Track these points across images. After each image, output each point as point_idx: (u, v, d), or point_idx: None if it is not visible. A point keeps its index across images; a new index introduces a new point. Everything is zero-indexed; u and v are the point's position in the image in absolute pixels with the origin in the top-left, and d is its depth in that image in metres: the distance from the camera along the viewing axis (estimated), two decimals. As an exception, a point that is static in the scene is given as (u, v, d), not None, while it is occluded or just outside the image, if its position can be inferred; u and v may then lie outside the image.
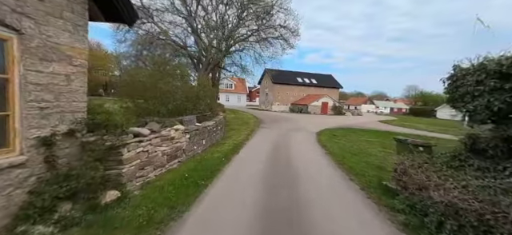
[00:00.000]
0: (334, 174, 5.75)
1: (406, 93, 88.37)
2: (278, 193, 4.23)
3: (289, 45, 15.70)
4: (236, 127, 15.32)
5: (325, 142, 10.97)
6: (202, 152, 7.54)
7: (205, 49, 15.31)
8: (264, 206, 3.68)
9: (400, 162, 4.32)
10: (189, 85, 10.41)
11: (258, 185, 4.52)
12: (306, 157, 7.40)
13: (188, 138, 6.52)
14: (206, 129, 8.23)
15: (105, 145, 3.49)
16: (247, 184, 4.52)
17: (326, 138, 12.43)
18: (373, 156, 8.97)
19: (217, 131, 10.01)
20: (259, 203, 3.78)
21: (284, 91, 41.77)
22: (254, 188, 4.34)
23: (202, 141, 7.90)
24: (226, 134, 12.04)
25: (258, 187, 4.43)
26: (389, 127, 23.23)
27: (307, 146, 9.68)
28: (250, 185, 4.44)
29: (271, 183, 4.66)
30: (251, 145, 9.03)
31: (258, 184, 4.62)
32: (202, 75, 14.98)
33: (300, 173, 5.46)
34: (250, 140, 10.37)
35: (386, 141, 14.10)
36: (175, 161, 5.66)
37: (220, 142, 9.55)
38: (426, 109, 53.79)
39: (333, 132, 15.82)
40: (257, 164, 6.13)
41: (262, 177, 5.01)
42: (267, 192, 4.26)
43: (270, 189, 4.40)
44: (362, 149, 10.35)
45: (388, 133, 17.59)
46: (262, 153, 7.50)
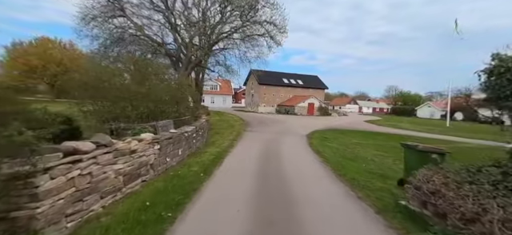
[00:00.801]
0: (337, 191, 4.75)
1: (387, 93, 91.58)
2: (274, 228, 3.12)
3: (276, 43, 14.77)
4: (220, 131, 14.07)
5: (317, 147, 10.09)
6: (178, 164, 6.28)
7: (185, 46, 13.93)
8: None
9: (425, 177, 3.39)
10: (165, 84, 9.04)
11: (246, 218, 3.37)
12: (301, 169, 6.37)
13: (158, 149, 5.25)
14: (183, 136, 6.97)
15: (3, 174, 2.20)
16: (231, 216, 3.36)
17: (318, 142, 11.58)
18: (370, 161, 8.18)
19: (197, 137, 8.75)
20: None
21: (270, 92, 40.99)
22: (239, 222, 3.18)
23: (179, 150, 6.63)
24: (208, 140, 10.78)
25: (245, 220, 3.28)
26: (375, 127, 23.09)
27: (300, 153, 8.70)
28: (234, 220, 3.27)
29: (263, 214, 3.52)
30: (236, 154, 7.87)
31: (245, 214, 3.48)
32: (181, 74, 13.58)
33: (297, 194, 4.39)
34: (236, 146, 9.21)
35: (378, 142, 13.57)
36: (137, 182, 4.38)
37: (201, 150, 8.31)
38: (407, 108, 55.62)
39: (323, 134, 15.08)
40: (243, 181, 4.98)
41: (250, 204, 3.86)
42: (258, 226, 3.15)
43: (261, 222, 3.26)
44: (356, 153, 9.58)
45: (377, 134, 17.22)
46: (248, 165, 6.37)
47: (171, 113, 9.39)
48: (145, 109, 8.85)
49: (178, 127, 8.61)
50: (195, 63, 13.74)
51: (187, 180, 4.79)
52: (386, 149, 11.26)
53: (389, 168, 7.33)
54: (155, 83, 8.61)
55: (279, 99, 41.39)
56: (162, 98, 8.72)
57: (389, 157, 9.26)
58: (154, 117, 8.89)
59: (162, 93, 8.56)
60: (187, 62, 13.59)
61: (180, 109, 9.69)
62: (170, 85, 9.12)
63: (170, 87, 9.01)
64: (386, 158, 9.05)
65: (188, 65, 13.53)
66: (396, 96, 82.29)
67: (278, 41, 14.48)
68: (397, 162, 8.47)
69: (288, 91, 42.18)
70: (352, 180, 5.41)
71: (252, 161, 6.69)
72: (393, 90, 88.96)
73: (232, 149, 8.46)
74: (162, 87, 8.57)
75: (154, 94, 8.71)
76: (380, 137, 15.42)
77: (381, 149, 10.94)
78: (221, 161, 6.58)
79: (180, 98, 9.57)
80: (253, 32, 15.05)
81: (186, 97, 9.74)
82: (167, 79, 9.24)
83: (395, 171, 6.91)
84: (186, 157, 7.06)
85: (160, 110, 9.05)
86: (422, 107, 52.75)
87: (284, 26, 14.18)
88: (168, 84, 9.08)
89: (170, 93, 9.09)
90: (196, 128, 8.50)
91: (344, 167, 6.69)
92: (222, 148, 8.60)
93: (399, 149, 12.30)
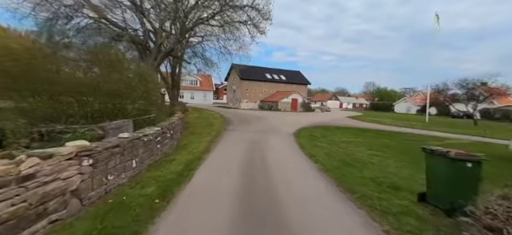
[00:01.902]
0: (352, 221, 3.41)
1: (365, 89, 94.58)
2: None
3: (259, 31, 13.23)
4: (197, 130, 12.33)
5: (308, 148, 8.83)
6: (130, 181, 4.57)
7: (154, 32, 11.90)
8: None
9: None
10: (124, 75, 7.13)
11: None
12: (297, 184, 4.94)
13: (90, 166, 3.53)
14: (139, 141, 5.23)
15: None
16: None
17: (307, 142, 10.36)
18: (370, 165, 7.07)
19: (164, 141, 7.02)
20: None
21: (252, 88, 39.49)
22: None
23: (132, 161, 4.90)
24: (180, 142, 9.05)
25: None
26: (360, 123, 22.66)
27: (290, 159, 7.33)
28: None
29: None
30: (212, 162, 6.29)
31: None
32: (149, 65, 11.58)
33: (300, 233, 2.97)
34: (213, 151, 7.62)
35: (368, 140, 12.72)
36: (38, 227, 2.67)
37: (168, 158, 6.60)
38: (385, 103, 57.33)
39: (310, 132, 13.96)
40: (218, 212, 3.44)
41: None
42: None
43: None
44: (351, 154, 8.46)
45: (364, 131, 16.52)
46: (227, 181, 4.82)
47: (133, 111, 7.55)
48: (97, 106, 6.92)
49: (139, 128, 6.83)
50: (166, 52, 11.78)
51: (131, 213, 3.15)
52: (379, 147, 10.36)
53: (394, 174, 6.23)
54: (106, 72, 6.69)
55: (262, 95, 40.06)
56: (118, 92, 6.84)
57: (387, 158, 8.27)
58: (109, 116, 6.99)
59: (116, 86, 6.68)
60: (156, 51, 11.58)
61: (145, 106, 7.87)
62: (127, 75, 7.22)
63: (128, 78, 7.12)
64: (386, 160, 8.04)
65: (158, 55, 11.53)
66: (374, 92, 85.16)
67: (262, 29, 12.97)
68: (397, 164, 7.47)
69: (271, 87, 40.99)
70: (363, 198, 4.13)
71: (232, 175, 5.16)
72: (371, 86, 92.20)
73: (207, 156, 6.85)
74: (115, 78, 6.67)
75: (107, 87, 6.80)
76: (368, 134, 14.66)
77: (374, 148, 9.99)
78: (190, 175, 4.97)
79: (143, 92, 7.73)
80: (233, 18, 13.38)
81: (150, 91, 7.91)
82: (124, 67, 7.32)
83: (404, 178, 5.82)
84: (145, 170, 5.34)
85: (118, 107, 7.16)
86: (399, 102, 54.62)
87: (268, 11, 12.69)
88: (124, 73, 7.17)
89: (130, 85, 7.22)
90: (162, 129, 6.77)
91: (345, 176, 5.44)
92: (196, 153, 6.96)
93: (393, 147, 11.55)
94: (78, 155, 3.33)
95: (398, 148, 10.61)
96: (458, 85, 27.15)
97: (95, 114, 7.13)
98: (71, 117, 6.84)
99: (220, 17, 13.25)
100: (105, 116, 7.15)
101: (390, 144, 11.64)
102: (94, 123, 6.56)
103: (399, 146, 11.06)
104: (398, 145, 11.52)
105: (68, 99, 6.95)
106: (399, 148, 10.63)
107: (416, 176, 6.25)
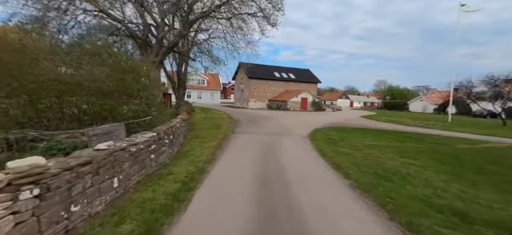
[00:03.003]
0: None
1: (376, 88, 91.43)
2: None
3: (270, 24, 11.96)
4: (203, 133, 11.23)
5: (329, 155, 7.54)
6: (106, 210, 3.44)
7: (155, 26, 10.87)
8: None
9: None
10: (109, 70, 6.05)
11: None
12: (331, 214, 3.54)
13: (35, 197, 2.41)
14: (123, 154, 4.09)
15: None
16: None
17: (326, 146, 9.05)
18: (410, 178, 5.71)
19: (162, 148, 5.91)
20: None
21: (261, 87, 38.25)
22: None
23: (113, 181, 3.77)
24: (182, 148, 7.95)
25: None
26: (377, 123, 21.00)
27: (312, 170, 6.05)
28: None
29: None
30: (218, 178, 5.10)
31: None
32: (150, 62, 10.55)
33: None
34: (219, 160, 6.44)
35: (392, 143, 11.21)
36: None
37: (165, 170, 5.46)
38: (399, 102, 54.79)
39: (326, 134, 12.60)
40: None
41: None
42: None
43: None
44: (381, 163, 7.10)
45: (385, 132, 14.95)
46: (235, 209, 3.60)
47: (129, 113, 6.48)
48: (83, 107, 5.87)
49: (133, 133, 5.75)
50: (169, 48, 10.71)
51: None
52: (409, 153, 8.92)
53: (445, 190, 4.88)
54: (92, 65, 5.61)
55: (270, 94, 38.76)
56: (106, 90, 5.76)
57: (425, 168, 6.87)
58: (98, 119, 5.94)
59: (104, 83, 5.60)
60: (158, 46, 10.53)
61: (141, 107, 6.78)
62: (121, 69, 6.11)
63: (120, 73, 6.01)
64: (424, 170, 6.65)
65: (159, 50, 10.47)
66: (385, 90, 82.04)
67: (273, 21, 11.70)
68: (441, 176, 6.07)
69: (280, 85, 39.62)
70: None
71: (241, 201, 3.92)
72: (382, 85, 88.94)
73: (212, 167, 5.67)
74: (103, 74, 5.58)
75: (94, 85, 5.73)
76: (391, 137, 13.14)
77: (406, 155, 8.56)
78: (188, 199, 3.80)
79: (138, 90, 6.63)
80: (241, 11, 12.17)
81: (147, 89, 6.80)
82: (113, 59, 6.22)
83: (461, 198, 4.54)
84: (133, 188, 4.22)
85: (107, 109, 6.10)
86: (414, 101, 52.03)
87: (280, 0, 11.36)
88: (112, 66, 6.06)
89: (121, 82, 6.12)
90: (158, 135, 5.64)
91: (392, 199, 4.13)
92: (198, 164, 5.79)
93: (424, 152, 10.01)
94: (15, 184, 2.21)
95: (430, 153, 9.14)
96: (483, 81, 24.95)
97: (85, 117, 6.11)
98: (58, 121, 5.85)
99: (227, 9, 12.07)
100: (95, 119, 6.11)
101: (419, 148, 10.15)
102: (84, 127, 5.53)
103: (430, 151, 9.57)
104: (428, 149, 10.02)
105: (51, 99, 5.96)
106: (431, 153, 9.16)
107: (470, 192, 4.92)
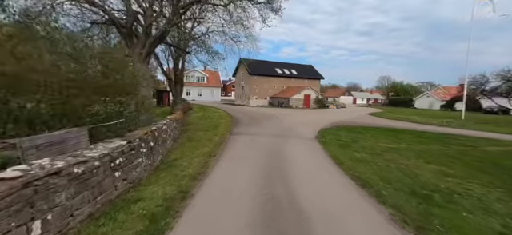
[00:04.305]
0: None
1: (379, 84, 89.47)
2: None
3: (272, 10, 10.61)
4: (197, 135, 9.99)
5: (346, 163, 6.28)
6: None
7: (143, 14, 9.58)
8: None
9: None
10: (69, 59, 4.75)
11: None
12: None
13: None
14: (56, 181, 2.80)
15: None
16: None
17: (339, 151, 7.79)
18: (458, 197, 4.43)
19: (135, 161, 4.65)
20: None
21: (262, 83, 36.90)
22: None
23: (31, 226, 2.47)
24: (168, 156, 6.70)
25: None
26: (386, 121, 19.64)
27: (333, 190, 4.78)
28: None
29: None
30: (205, 202, 3.85)
31: None
32: (137, 55, 9.27)
33: None
34: (210, 174, 5.19)
35: (412, 145, 9.80)
36: None
37: (134, 191, 4.21)
38: (405, 99, 53.25)
39: (335, 135, 11.32)
40: None
41: None
42: None
43: None
44: (412, 174, 5.82)
45: (398, 132, 13.56)
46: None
47: (99, 113, 5.20)
48: (28, 106, 4.60)
49: (99, 140, 4.51)
50: (157, 37, 9.42)
51: None
52: (437, 158, 7.63)
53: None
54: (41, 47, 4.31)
55: (272, 91, 37.43)
56: (57, 84, 4.46)
57: (466, 180, 5.55)
58: (49, 122, 4.67)
59: (56, 75, 4.31)
60: (145, 36, 9.25)
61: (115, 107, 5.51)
62: (83, 58, 4.80)
63: (80, 63, 4.71)
64: (466, 183, 5.34)
65: (146, 40, 9.20)
66: (389, 86, 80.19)
67: (276, 7, 10.34)
68: (497, 194, 4.77)
69: (281, 82, 38.25)
70: None
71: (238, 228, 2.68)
72: (385, 81, 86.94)
73: (198, 188, 4.39)
74: (49, 61, 4.28)
75: (43, 72, 4.45)
76: (408, 138, 11.80)
77: (433, 161, 7.26)
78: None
79: (109, 86, 5.34)
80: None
81: (121, 83, 5.50)
82: (75, 48, 4.90)
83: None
84: (76, 229, 2.96)
85: (59, 108, 4.80)
86: (420, 97, 50.44)
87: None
88: (83, 56, 4.76)
89: (83, 74, 4.82)
90: (131, 143, 4.38)
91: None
92: (182, 182, 4.54)
93: (453, 157, 8.50)
94: None
95: (462, 159, 7.81)
96: (498, 76, 23.49)
97: (38, 120, 4.84)
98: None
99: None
100: (55, 121, 4.85)
101: (445, 152, 8.82)
102: (37, 133, 4.27)
103: (460, 155, 8.23)
104: (456, 153, 8.68)
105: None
106: (463, 158, 7.82)
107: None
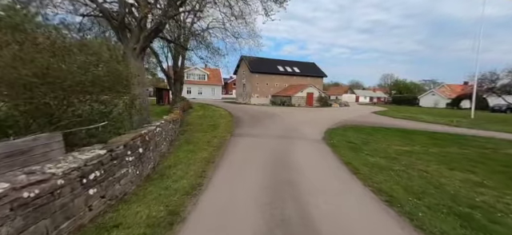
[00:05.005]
0: None
1: (381, 82, 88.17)
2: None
3: (276, 2, 9.82)
4: (195, 137, 9.28)
5: (364, 171, 5.54)
6: None
7: (137, 6, 8.84)
8: None
9: None
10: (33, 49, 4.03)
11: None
12: None
13: None
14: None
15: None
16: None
17: (352, 155, 7.05)
18: (507, 219, 3.67)
19: (116, 174, 3.94)
20: None
21: (263, 81, 36.11)
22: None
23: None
24: (163, 161, 5.98)
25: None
26: (392, 120, 18.80)
27: (350, 206, 4.04)
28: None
29: None
30: (199, 230, 3.12)
31: None
32: (130, 50, 8.57)
33: None
34: (208, 184, 4.47)
35: (428, 148, 8.95)
36: None
37: (113, 214, 3.48)
38: (409, 97, 52.25)
39: (343, 136, 10.56)
40: None
41: None
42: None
43: None
44: (436, 183, 5.08)
45: (409, 133, 12.68)
46: None
47: (84, 115, 4.54)
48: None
49: (79, 147, 3.83)
50: (151, 31, 8.68)
51: None
52: (459, 162, 6.86)
53: None
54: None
55: (274, 89, 36.64)
56: (22, 78, 3.75)
57: (505, 193, 4.77)
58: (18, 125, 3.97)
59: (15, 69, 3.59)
60: (139, 29, 8.51)
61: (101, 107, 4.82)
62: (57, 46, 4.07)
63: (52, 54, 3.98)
64: (503, 196, 4.58)
65: (140, 34, 8.46)
66: (391, 84, 79.00)
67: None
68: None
69: (283, 80, 37.44)
70: None
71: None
72: (388, 79, 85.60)
73: (193, 208, 3.65)
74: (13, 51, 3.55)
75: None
76: (420, 138, 11.02)
77: (457, 166, 6.50)
78: None
79: (91, 82, 4.61)
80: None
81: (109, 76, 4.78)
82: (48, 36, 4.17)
83: None
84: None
85: (42, 107, 4.10)
86: (425, 96, 49.43)
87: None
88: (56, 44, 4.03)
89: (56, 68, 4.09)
90: (111, 152, 3.66)
91: None
92: (173, 200, 3.80)
93: (475, 161, 6.94)
94: None
95: (486, 163, 7.02)
96: (510, 73, 22.58)
97: (7, 123, 4.13)
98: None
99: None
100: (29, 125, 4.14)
101: (466, 155, 8.02)
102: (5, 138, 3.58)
103: (483, 159, 7.42)
104: (478, 157, 7.88)
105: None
106: (487, 163, 7.03)
107: None
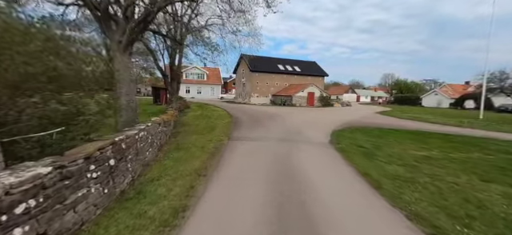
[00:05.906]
0: None
1: (382, 82, 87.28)
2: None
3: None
4: (189, 141, 8.37)
5: (387, 185, 4.64)
6: None
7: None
8: None
9: None
10: None
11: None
12: None
13: None
14: None
15: None
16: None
17: (367, 163, 6.14)
18: None
19: (69, 198, 3.04)
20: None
21: (263, 80, 35.19)
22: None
23: None
24: (146, 172, 5.08)
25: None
26: (399, 121, 17.88)
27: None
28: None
29: None
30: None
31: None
32: (116, 44, 7.67)
33: None
34: (195, 208, 3.58)
35: (450, 152, 8.03)
36: None
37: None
38: (411, 97, 51.38)
39: (351, 139, 9.65)
40: None
41: None
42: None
43: None
44: (474, 200, 4.18)
45: (421, 135, 11.79)
46: None
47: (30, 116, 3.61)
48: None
49: (20, 159, 2.90)
50: (140, 21, 7.76)
51: None
52: (488, 170, 5.97)
53: None
54: None
55: (274, 88, 35.73)
56: None
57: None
58: None
59: None
60: (125, 20, 7.59)
61: (62, 107, 3.91)
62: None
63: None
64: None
65: (126, 26, 7.54)
66: (392, 84, 78.11)
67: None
68: None
69: (284, 79, 36.52)
70: None
71: None
72: (389, 78, 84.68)
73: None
74: None
75: None
76: (435, 141, 10.09)
77: (487, 175, 5.62)
78: None
79: (47, 78, 3.69)
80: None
81: (73, 70, 3.86)
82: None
83: None
84: None
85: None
86: (427, 95, 48.57)
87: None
88: None
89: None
90: (61, 169, 2.75)
91: None
92: (148, 230, 2.92)
93: (505, 169, 5.92)
94: None
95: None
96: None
97: None
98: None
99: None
100: None
101: (491, 161, 7.10)
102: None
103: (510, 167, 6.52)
104: (505, 163, 6.98)
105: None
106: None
107: None
